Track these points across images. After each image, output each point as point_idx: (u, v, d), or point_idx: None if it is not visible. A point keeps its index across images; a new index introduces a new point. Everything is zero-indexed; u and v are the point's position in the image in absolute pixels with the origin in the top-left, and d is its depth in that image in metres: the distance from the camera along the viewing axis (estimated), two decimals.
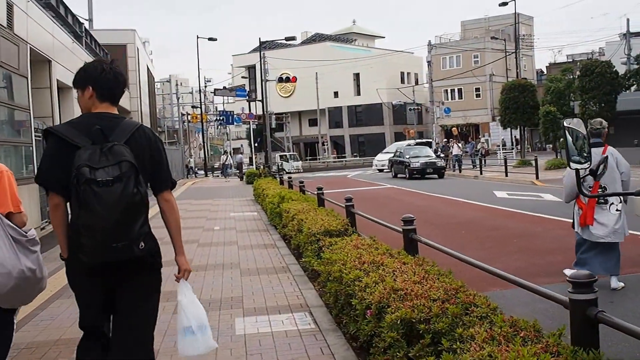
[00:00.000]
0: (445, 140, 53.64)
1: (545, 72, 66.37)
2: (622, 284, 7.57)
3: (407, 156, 34.77)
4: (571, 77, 41.21)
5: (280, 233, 13.44)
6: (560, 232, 12.09)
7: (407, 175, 33.74)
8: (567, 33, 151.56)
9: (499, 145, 56.83)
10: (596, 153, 7.26)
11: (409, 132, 65.26)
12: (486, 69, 68.93)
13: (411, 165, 33.60)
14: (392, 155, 39.11)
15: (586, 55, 70.34)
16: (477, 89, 72.43)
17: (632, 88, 36.16)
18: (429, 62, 40.99)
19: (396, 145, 44.66)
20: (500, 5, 47.81)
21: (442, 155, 39.99)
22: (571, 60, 68.87)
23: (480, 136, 66.96)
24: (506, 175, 30.21)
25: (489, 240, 12.01)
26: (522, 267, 9.19)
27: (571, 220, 8.13)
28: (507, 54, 61.24)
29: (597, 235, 7.57)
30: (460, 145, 42.81)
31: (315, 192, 12.99)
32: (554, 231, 12.57)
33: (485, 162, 35.78)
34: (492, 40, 66.21)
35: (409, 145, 40.97)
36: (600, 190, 7.46)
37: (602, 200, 7.54)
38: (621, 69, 39.07)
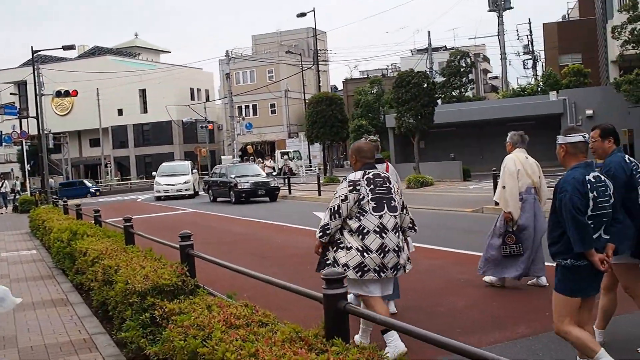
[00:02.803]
0: (246, 157, 51.44)
1: (342, 88, 66.45)
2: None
3: (232, 175, 29.99)
4: (378, 89, 40.74)
5: (73, 281, 10.15)
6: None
7: (234, 199, 29.20)
8: (362, 47, 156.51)
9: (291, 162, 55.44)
10: (381, 169, 6.64)
11: (201, 151, 62.68)
12: (281, 84, 67.88)
13: (239, 187, 29.08)
14: (210, 175, 35.16)
15: (381, 70, 71.57)
16: (273, 105, 71.24)
17: (439, 101, 36.11)
18: (227, 75, 38.52)
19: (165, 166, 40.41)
20: (298, 16, 46.93)
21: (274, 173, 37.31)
22: (365, 76, 69.69)
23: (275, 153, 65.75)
24: (319, 195, 28.44)
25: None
26: None
27: None
28: (303, 68, 60.35)
29: None
30: (270, 163, 40.71)
31: (122, 225, 9.78)
32: None
33: (290, 181, 33.61)
34: (287, 54, 65.17)
35: (234, 162, 37.82)
36: None
37: None
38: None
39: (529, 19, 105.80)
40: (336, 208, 5.76)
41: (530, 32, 64.72)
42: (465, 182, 31.17)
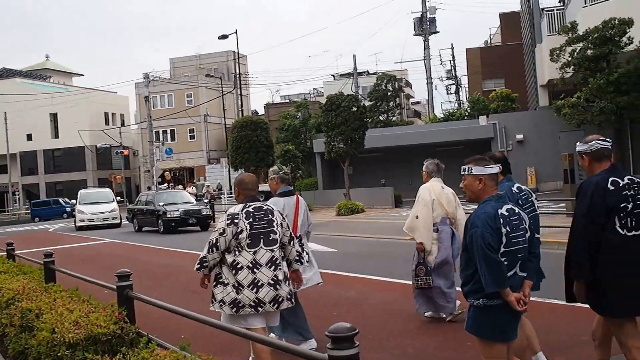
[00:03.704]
0: (165, 185, 49.91)
1: (264, 112, 65.68)
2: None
3: (160, 203, 28.37)
4: (305, 113, 40.15)
5: None
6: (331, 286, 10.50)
7: (162, 229, 27.29)
8: (284, 72, 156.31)
9: (215, 189, 54.21)
10: (292, 202, 7.41)
11: (116, 178, 60.85)
12: (201, 108, 66.68)
13: (167, 215, 27.23)
14: (135, 203, 33.16)
15: (303, 95, 71.26)
16: (192, 130, 69.89)
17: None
18: (146, 97, 37.11)
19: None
20: (219, 38, 46.21)
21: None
22: (288, 100, 69.22)
23: (196, 180, 64.44)
24: None
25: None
26: None
27: None
28: (224, 92, 59.33)
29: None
30: (192, 189, 39.39)
31: (42, 260, 8.61)
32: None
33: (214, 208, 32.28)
34: (206, 78, 64.09)
35: (161, 189, 36.07)
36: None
37: None
38: None
39: (452, 44, 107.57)
40: (214, 241, 5.81)
41: (453, 57, 65.29)
42: (397, 208, 30.75)
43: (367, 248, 17.18)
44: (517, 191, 5.73)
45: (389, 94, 46.60)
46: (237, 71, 48.38)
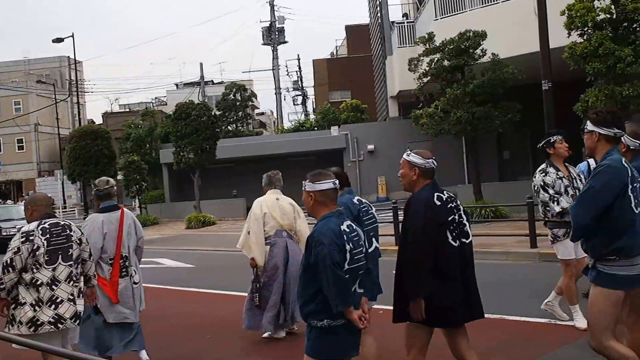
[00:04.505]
0: None
1: (102, 122, 63.18)
2: None
3: None
4: (151, 123, 38.83)
5: None
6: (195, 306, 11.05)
7: None
8: (124, 79, 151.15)
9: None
10: (114, 218, 7.08)
11: None
12: (31, 117, 63.21)
13: (3, 233, 24.17)
14: None
15: (145, 104, 69.21)
16: (20, 140, 66.09)
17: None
18: None
19: None
20: (54, 41, 43.58)
21: None
22: (128, 109, 67.04)
23: (25, 194, 60.81)
24: None
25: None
26: None
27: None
28: (57, 101, 56.37)
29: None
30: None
31: None
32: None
33: None
34: (37, 84, 60.81)
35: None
36: (121, 261, 7.04)
37: (124, 273, 7.10)
38: None
39: (298, 55, 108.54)
40: (9, 261, 5.70)
41: (300, 68, 65.88)
42: None
43: (225, 262, 16.61)
44: (357, 203, 5.83)
45: (237, 103, 46.08)
46: (75, 78, 45.82)
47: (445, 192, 5.13)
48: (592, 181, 4.76)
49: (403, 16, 39.01)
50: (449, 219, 5.01)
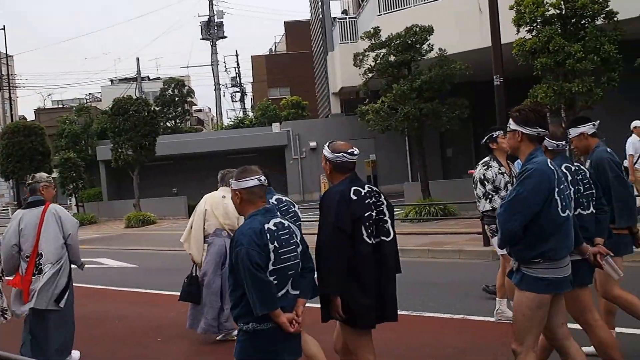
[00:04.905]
0: None
1: (35, 118, 61.32)
2: None
3: None
4: (87, 118, 37.84)
5: None
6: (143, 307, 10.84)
7: None
8: (58, 74, 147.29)
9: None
10: (35, 214, 6.85)
11: None
12: None
13: None
14: None
15: (79, 100, 67.56)
16: None
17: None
18: None
19: None
20: None
21: None
22: (61, 105, 65.24)
23: None
24: None
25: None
26: None
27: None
28: None
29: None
30: None
31: None
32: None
33: None
34: None
35: None
36: (37, 259, 6.79)
37: (37, 271, 6.82)
38: None
39: (236, 51, 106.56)
40: None
41: (238, 64, 65.26)
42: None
43: (169, 261, 16.31)
44: (275, 203, 5.75)
45: (176, 99, 45.34)
46: (7, 72, 44.54)
47: (367, 186, 4.96)
48: (520, 186, 4.60)
49: (343, 12, 38.97)
50: (365, 214, 4.83)
